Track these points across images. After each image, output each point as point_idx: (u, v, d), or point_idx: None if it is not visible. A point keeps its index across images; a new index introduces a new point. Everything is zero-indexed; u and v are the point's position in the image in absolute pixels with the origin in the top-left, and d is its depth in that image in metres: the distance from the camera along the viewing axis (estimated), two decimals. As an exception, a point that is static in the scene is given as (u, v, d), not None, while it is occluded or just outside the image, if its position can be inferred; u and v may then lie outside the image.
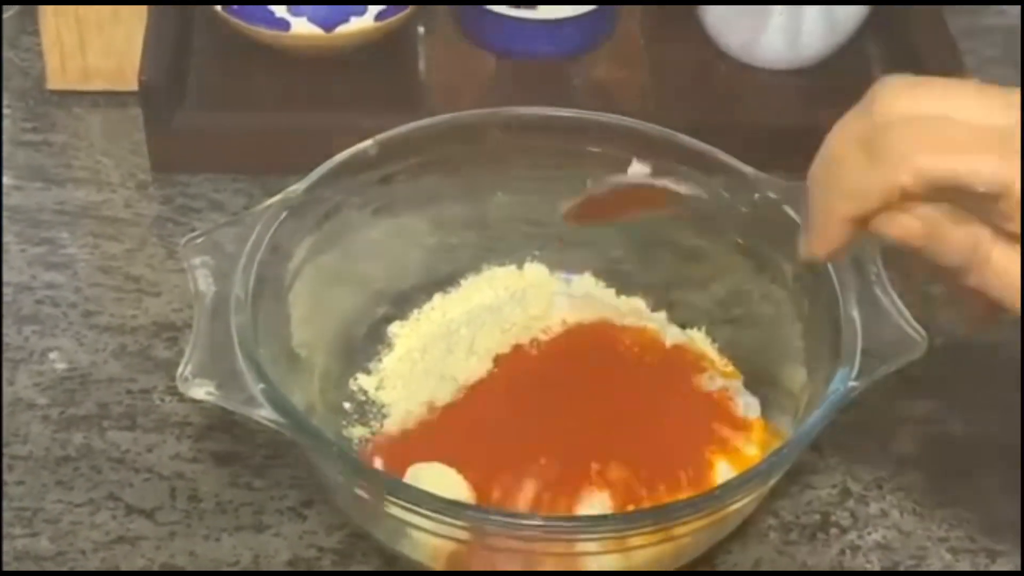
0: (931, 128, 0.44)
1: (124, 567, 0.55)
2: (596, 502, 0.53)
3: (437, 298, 0.63)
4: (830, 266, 0.56)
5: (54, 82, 0.74)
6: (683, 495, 0.54)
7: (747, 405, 0.59)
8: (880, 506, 0.59)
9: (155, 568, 0.55)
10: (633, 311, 0.63)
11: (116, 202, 0.70)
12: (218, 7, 0.72)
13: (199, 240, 0.56)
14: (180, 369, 0.51)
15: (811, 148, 0.72)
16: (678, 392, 0.58)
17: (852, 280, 0.56)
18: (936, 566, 0.57)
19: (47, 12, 0.72)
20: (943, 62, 0.72)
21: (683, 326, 0.62)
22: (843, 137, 0.47)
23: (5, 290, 0.65)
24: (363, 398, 0.60)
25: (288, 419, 0.50)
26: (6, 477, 0.58)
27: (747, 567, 0.57)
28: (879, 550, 0.57)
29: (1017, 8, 0.82)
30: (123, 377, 0.62)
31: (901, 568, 0.57)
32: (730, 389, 0.59)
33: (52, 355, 0.63)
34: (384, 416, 0.59)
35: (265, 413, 0.50)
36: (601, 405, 0.56)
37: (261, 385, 0.51)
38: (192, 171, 0.71)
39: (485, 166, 0.63)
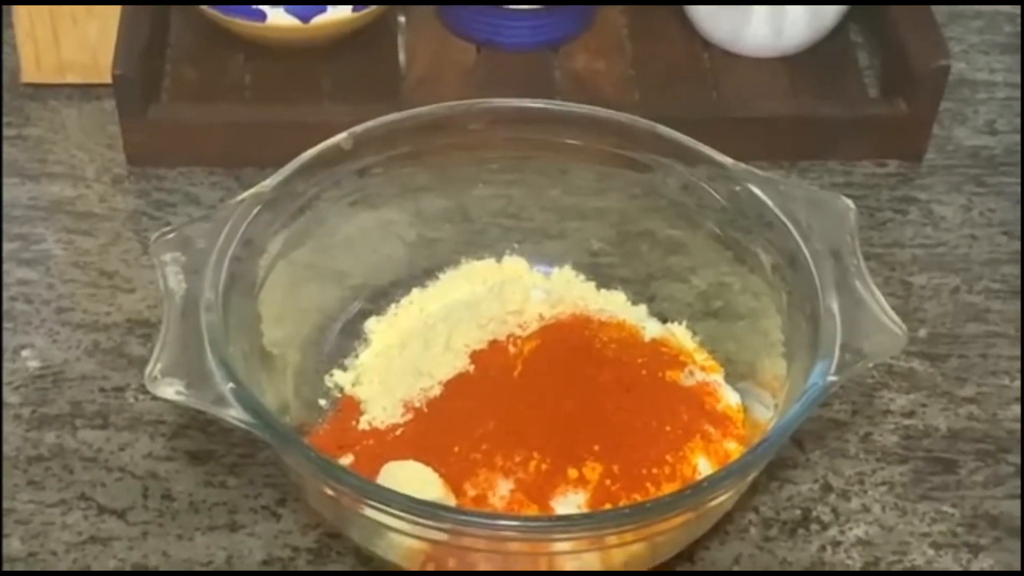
0: None
1: (96, 568, 0.54)
2: (572, 500, 0.53)
3: (415, 292, 0.63)
4: (809, 258, 0.56)
5: (28, 75, 0.73)
6: (662, 492, 0.53)
7: (728, 399, 0.58)
8: (862, 501, 0.58)
9: (127, 568, 0.54)
10: (613, 305, 0.62)
11: (91, 197, 0.69)
12: (194, -2, 0.72)
13: (169, 236, 0.55)
14: (149, 368, 0.50)
15: (796, 137, 0.72)
16: (658, 387, 0.57)
17: (831, 272, 0.55)
18: (918, 561, 0.56)
19: (20, 5, 0.71)
20: (928, 50, 0.71)
21: (664, 320, 0.62)
22: None
23: (-22, 287, 0.65)
24: (339, 395, 0.59)
25: (257, 419, 0.50)
26: (-24, 477, 0.57)
27: (726, 564, 0.56)
28: (861, 546, 0.57)
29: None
30: (96, 375, 0.61)
31: (883, 564, 0.56)
32: (711, 383, 0.58)
33: (25, 352, 0.62)
34: (360, 413, 0.58)
35: (235, 413, 0.50)
36: (579, 401, 0.55)
37: (231, 384, 0.50)
38: (168, 165, 0.70)
39: (464, 158, 0.62)
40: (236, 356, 0.52)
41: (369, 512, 0.50)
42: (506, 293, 0.60)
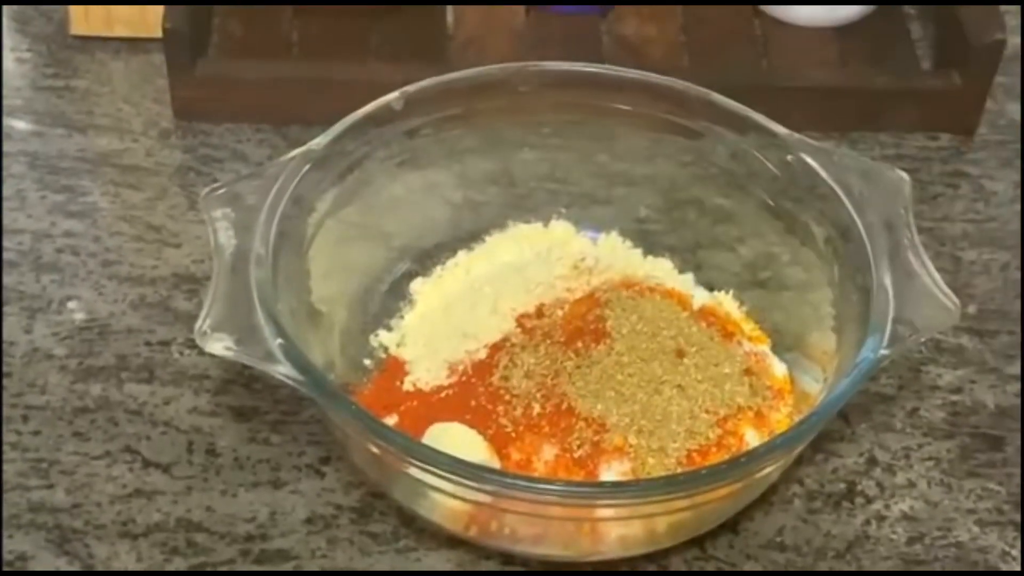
0: None
1: (140, 520, 0.55)
2: (617, 468, 0.52)
3: (461, 255, 0.62)
4: (863, 230, 0.55)
5: (77, 27, 0.73)
6: (708, 462, 0.53)
7: (776, 370, 0.58)
8: (907, 476, 0.58)
9: (171, 522, 0.55)
10: (660, 272, 0.62)
11: (138, 150, 0.69)
12: (244, -47, 0.71)
13: (220, 192, 0.55)
14: (198, 323, 0.50)
15: (846, 107, 0.71)
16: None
17: (885, 245, 0.55)
18: (963, 538, 0.56)
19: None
20: (984, 22, 0.70)
21: (711, 288, 0.61)
22: None
23: (24, 237, 0.64)
24: (383, 355, 0.59)
25: (306, 376, 0.50)
26: (22, 427, 0.57)
27: (769, 535, 0.56)
28: (905, 521, 0.56)
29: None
30: (142, 328, 0.61)
31: (927, 540, 0.56)
32: (758, 354, 0.58)
33: (71, 304, 0.62)
34: (405, 373, 0.58)
35: (283, 369, 0.50)
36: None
37: (279, 341, 0.50)
38: (215, 120, 0.70)
39: (512, 121, 0.62)
40: (284, 313, 0.52)
41: (414, 472, 0.50)
42: (554, 257, 0.60)
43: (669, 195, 0.63)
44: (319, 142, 0.57)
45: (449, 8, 0.75)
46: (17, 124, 0.69)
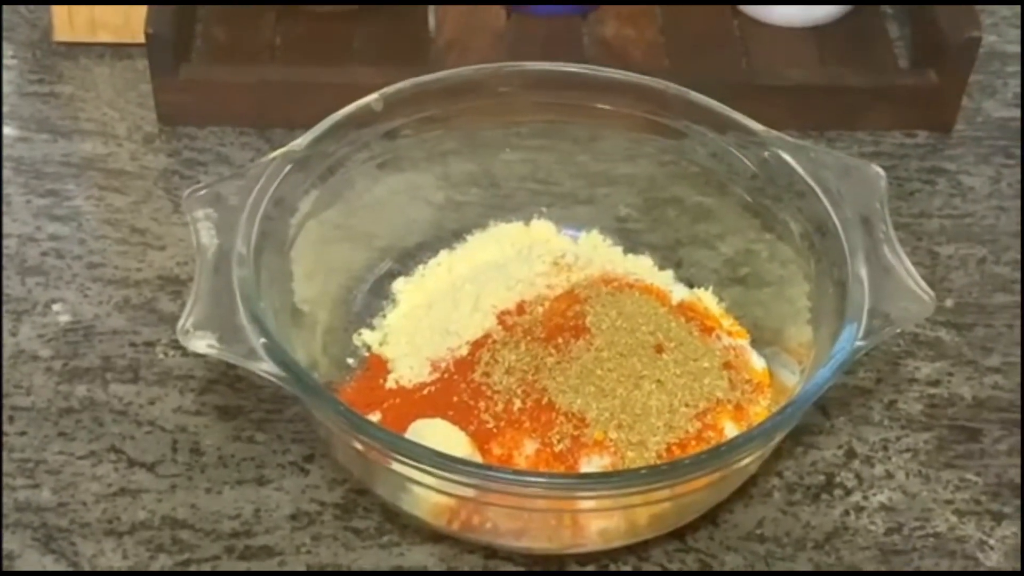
0: None
1: (125, 519, 0.55)
2: (597, 462, 0.53)
3: (443, 254, 0.63)
4: (839, 225, 0.56)
5: (61, 34, 0.74)
6: (687, 454, 0.54)
7: (754, 364, 0.58)
8: (885, 468, 0.59)
9: (156, 520, 0.55)
10: (640, 269, 0.62)
11: (122, 154, 0.69)
12: (226, -41, 0.72)
13: (202, 192, 0.55)
14: (181, 322, 0.51)
15: (825, 106, 0.72)
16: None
17: (861, 239, 0.55)
18: (941, 528, 0.57)
19: (54, -37, 0.71)
20: (959, 21, 0.71)
21: (690, 285, 0.62)
22: None
23: (10, 241, 0.65)
24: (366, 354, 0.59)
25: (289, 373, 0.50)
26: (8, 428, 0.58)
27: (749, 527, 0.56)
28: (884, 511, 0.57)
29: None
30: (127, 330, 0.62)
31: (905, 530, 0.56)
32: (737, 348, 0.59)
33: (56, 307, 0.62)
34: (387, 371, 0.59)
35: (266, 367, 0.50)
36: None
37: (262, 339, 0.51)
38: (198, 124, 0.71)
39: (493, 122, 0.63)
40: (267, 312, 0.53)
41: (397, 467, 0.50)
42: (535, 255, 0.61)
43: (649, 194, 0.64)
44: (300, 143, 0.58)
45: (431, 10, 0.75)
46: (3, 130, 0.70)
